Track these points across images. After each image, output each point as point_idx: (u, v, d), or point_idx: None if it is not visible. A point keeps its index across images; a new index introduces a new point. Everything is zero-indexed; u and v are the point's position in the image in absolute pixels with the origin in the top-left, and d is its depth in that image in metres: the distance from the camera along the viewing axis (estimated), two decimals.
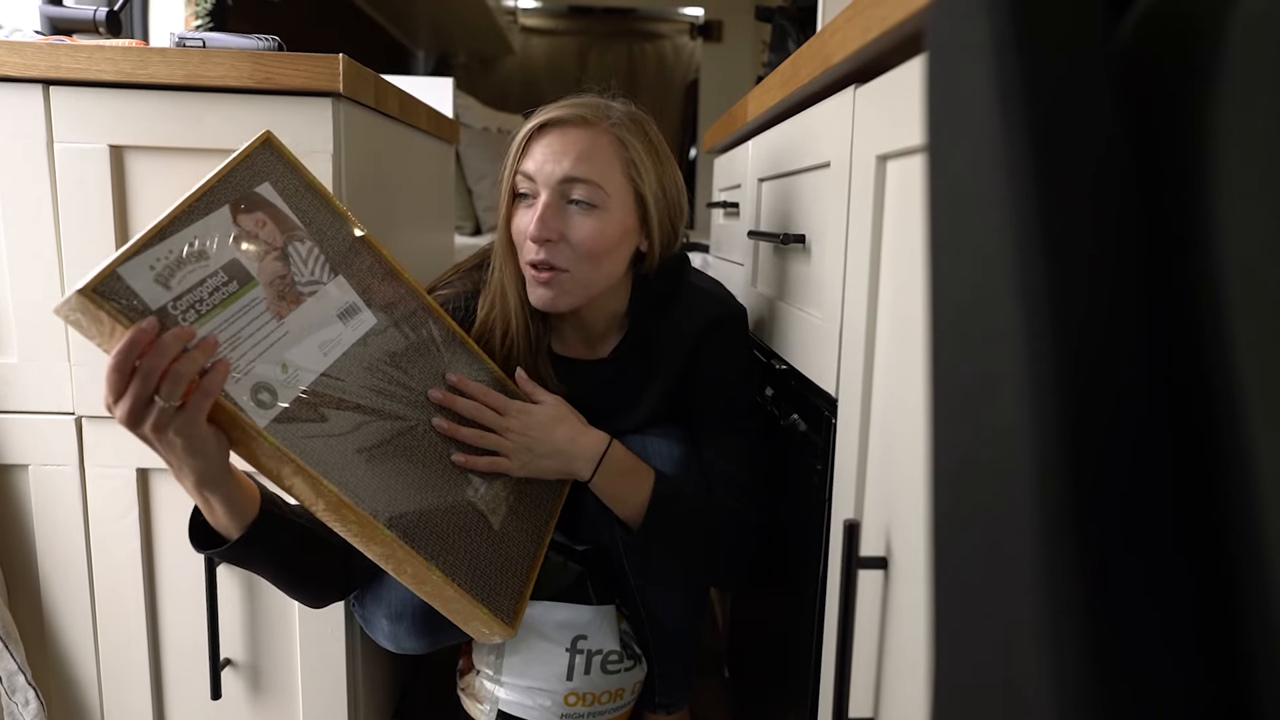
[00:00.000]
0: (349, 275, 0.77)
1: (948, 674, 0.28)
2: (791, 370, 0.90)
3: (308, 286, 0.73)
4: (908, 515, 0.56)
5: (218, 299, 0.67)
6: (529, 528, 0.87)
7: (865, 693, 0.63)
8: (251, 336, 0.68)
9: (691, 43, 4.15)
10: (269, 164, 0.74)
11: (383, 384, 0.78)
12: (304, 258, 0.74)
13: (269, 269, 0.71)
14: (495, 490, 0.85)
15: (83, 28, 1.06)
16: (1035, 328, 0.23)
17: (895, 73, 0.58)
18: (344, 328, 0.75)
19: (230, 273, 0.68)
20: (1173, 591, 0.22)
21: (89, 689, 0.96)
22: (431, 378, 0.83)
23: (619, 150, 0.89)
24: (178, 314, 0.64)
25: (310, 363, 0.72)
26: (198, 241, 0.67)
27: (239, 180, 0.71)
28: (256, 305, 0.69)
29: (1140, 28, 0.26)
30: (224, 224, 0.69)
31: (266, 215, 0.72)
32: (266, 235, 0.71)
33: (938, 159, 0.29)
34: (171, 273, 0.64)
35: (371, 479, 0.73)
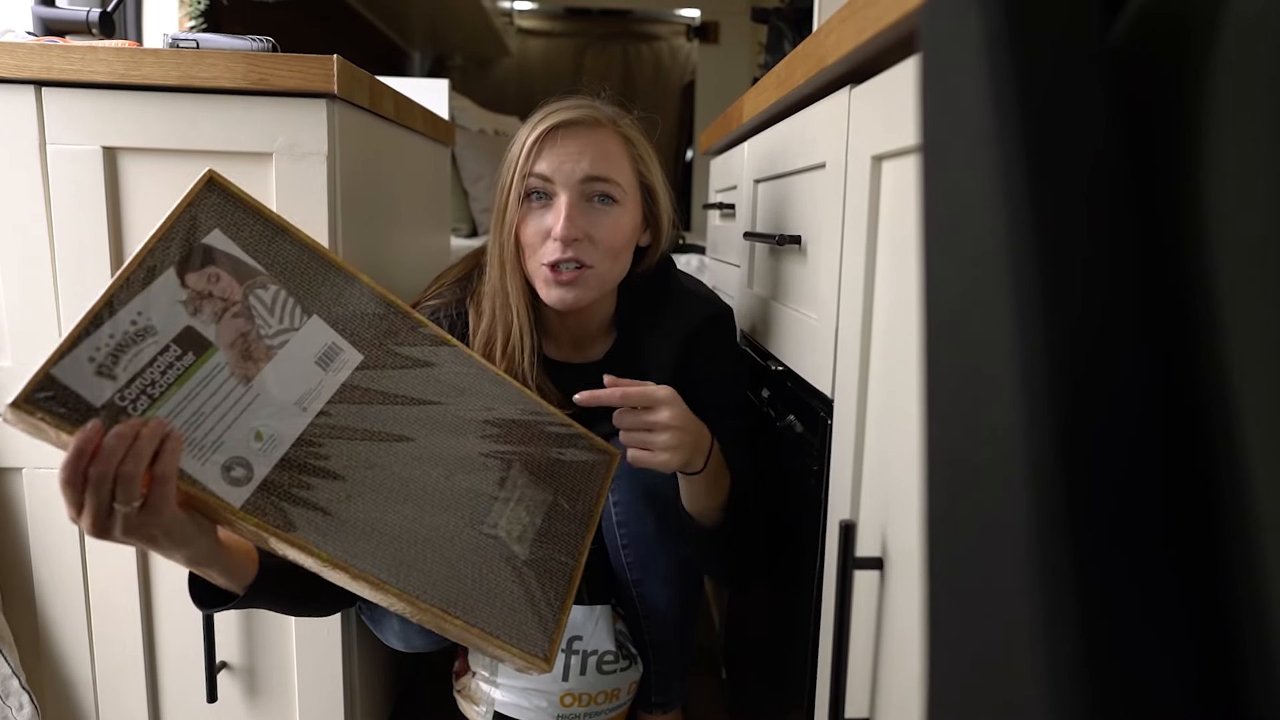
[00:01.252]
0: (326, 313, 0.70)
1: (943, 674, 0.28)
2: (787, 371, 0.90)
3: (277, 338, 0.67)
4: (903, 516, 0.56)
5: (172, 376, 0.60)
6: (558, 551, 0.78)
7: (861, 692, 0.63)
8: (216, 410, 0.62)
9: (688, 44, 4.15)
10: (215, 208, 0.66)
11: (376, 424, 0.70)
12: (269, 305, 0.67)
13: (229, 329, 0.64)
14: (516, 513, 0.76)
15: (75, 29, 1.05)
16: (1029, 328, 0.23)
17: (890, 73, 0.58)
18: (324, 374, 0.68)
19: (184, 344, 0.62)
20: (1167, 591, 0.22)
21: (84, 693, 0.96)
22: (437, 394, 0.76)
23: (627, 148, 0.91)
24: (126, 404, 0.58)
25: (287, 425, 0.65)
26: (141, 317, 0.60)
27: (181, 236, 0.64)
28: (218, 373, 0.63)
29: (1134, 28, 0.26)
30: (170, 290, 0.62)
31: (219, 268, 0.65)
32: (222, 290, 0.65)
33: (932, 159, 0.29)
34: (115, 360, 0.58)
35: (369, 539, 0.66)
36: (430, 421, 0.74)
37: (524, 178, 0.89)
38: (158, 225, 0.63)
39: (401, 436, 0.71)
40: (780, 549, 0.92)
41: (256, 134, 0.86)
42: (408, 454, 0.71)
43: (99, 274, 0.87)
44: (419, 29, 3.40)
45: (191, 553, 0.64)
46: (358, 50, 2.94)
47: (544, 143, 0.89)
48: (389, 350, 0.73)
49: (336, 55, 0.84)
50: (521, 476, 0.79)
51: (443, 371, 0.77)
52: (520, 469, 0.79)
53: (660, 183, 0.95)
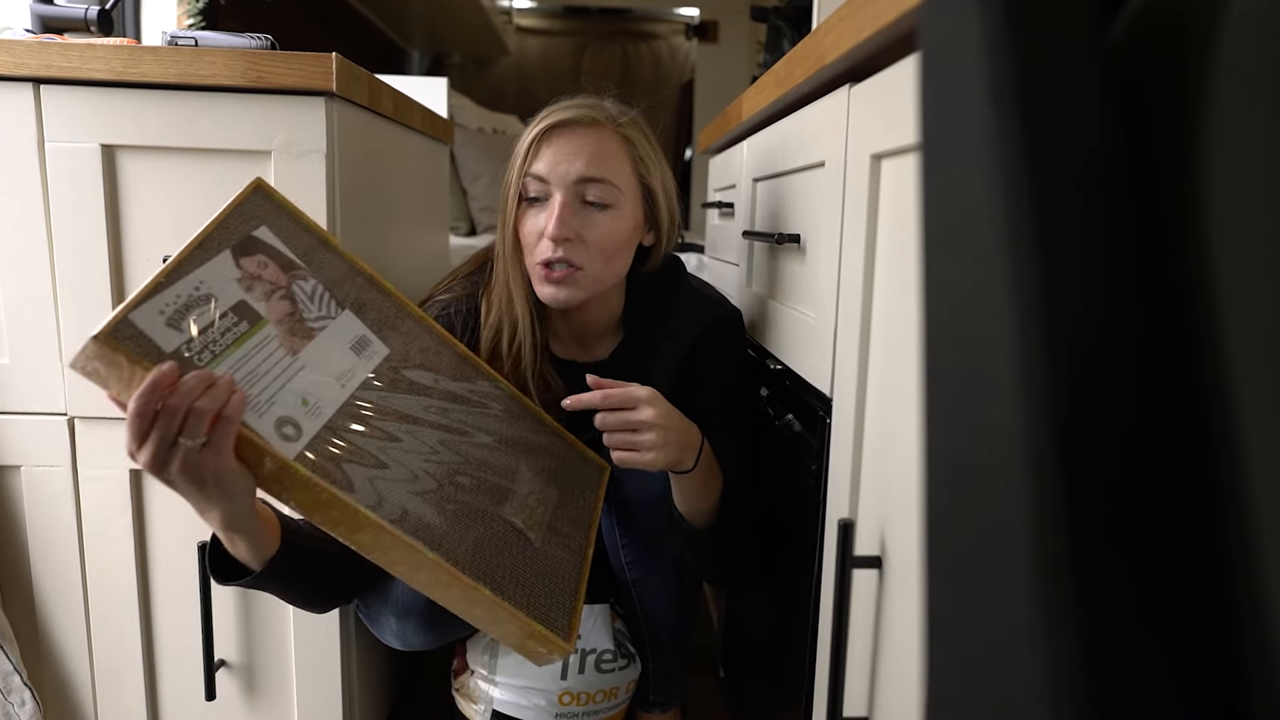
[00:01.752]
0: (355, 309, 0.78)
1: (942, 672, 0.28)
2: (786, 370, 0.90)
3: (317, 322, 0.74)
4: (902, 514, 0.56)
5: (230, 339, 0.67)
6: (569, 541, 0.85)
7: (860, 692, 0.63)
8: (269, 373, 0.68)
9: (687, 43, 4.15)
10: (262, 208, 0.74)
11: (403, 407, 0.77)
12: (309, 295, 0.74)
13: (277, 307, 0.71)
14: (531, 507, 0.83)
15: (74, 26, 1.05)
16: (1028, 327, 0.23)
17: (889, 71, 0.58)
18: (358, 359, 0.75)
19: (239, 313, 0.68)
20: (1166, 591, 0.22)
21: (83, 690, 0.96)
22: (453, 396, 0.83)
23: (627, 148, 0.91)
24: (192, 355, 0.64)
25: (330, 394, 0.71)
26: (203, 286, 0.66)
27: (235, 226, 0.71)
28: (269, 343, 0.69)
29: (1134, 26, 0.26)
30: (227, 268, 0.69)
31: (267, 257, 0.72)
32: (270, 276, 0.72)
33: (931, 157, 0.29)
34: (182, 316, 0.64)
35: (408, 503, 0.72)
36: (448, 413, 0.81)
37: (521, 177, 0.90)
38: (216, 214, 0.70)
39: (425, 421, 0.78)
40: (777, 549, 0.92)
41: (255, 132, 0.86)
42: (433, 437, 0.78)
43: (97, 271, 0.87)
44: (418, 27, 3.40)
45: (231, 508, 0.67)
46: (356, 48, 2.93)
47: (541, 142, 0.90)
48: (409, 350, 0.81)
49: (335, 53, 0.84)
50: (529, 473, 0.85)
51: (451, 375, 0.84)
52: (527, 467, 0.85)
53: (661, 183, 0.95)
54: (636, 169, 0.92)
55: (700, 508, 0.91)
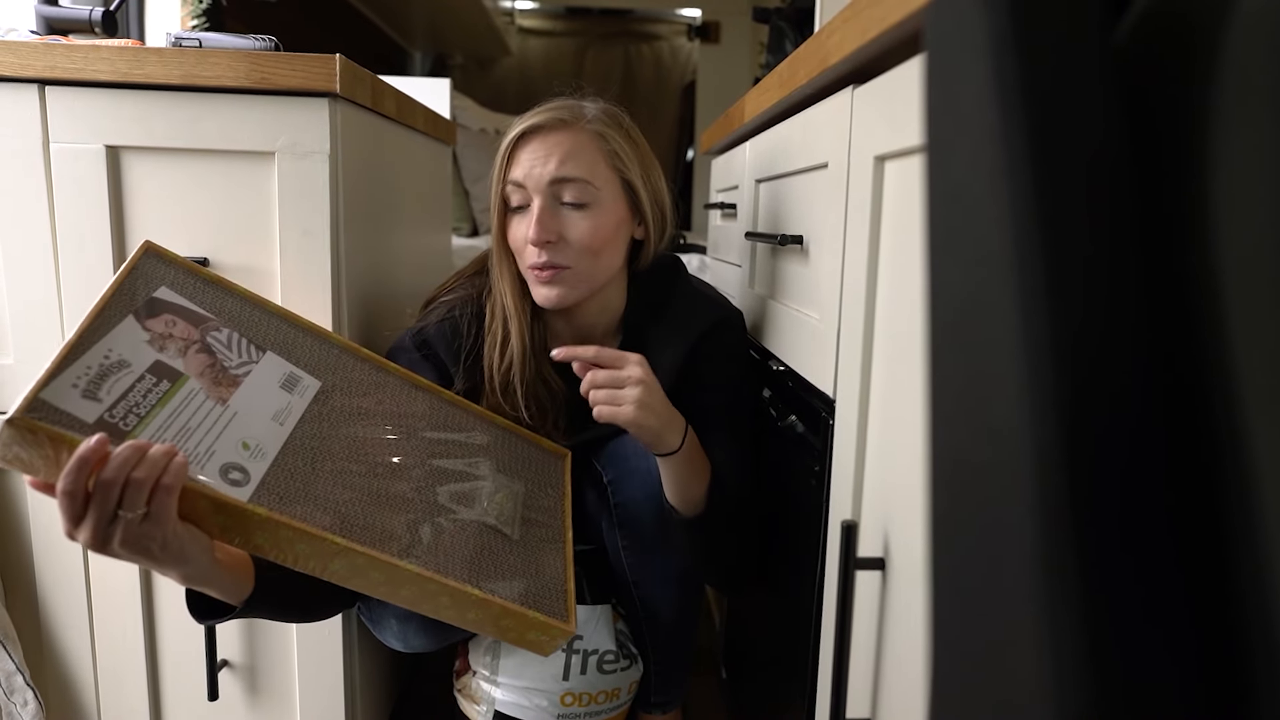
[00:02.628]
0: (279, 349, 0.76)
1: (946, 672, 0.28)
2: (789, 371, 0.90)
3: (241, 368, 0.72)
4: (905, 516, 0.56)
5: (154, 399, 0.65)
6: (546, 530, 0.85)
7: (863, 693, 0.63)
8: (201, 425, 0.66)
9: (689, 44, 4.15)
10: (157, 270, 0.72)
11: (352, 435, 0.76)
12: (227, 344, 0.72)
13: (195, 361, 0.69)
14: (500, 502, 0.82)
15: (78, 28, 1.06)
16: (1033, 327, 0.23)
17: (893, 73, 0.58)
18: (292, 396, 0.74)
19: (157, 373, 0.66)
20: (1171, 591, 0.22)
21: (86, 690, 0.96)
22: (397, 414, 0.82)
23: (600, 144, 0.92)
24: (117, 421, 0.62)
25: (270, 435, 0.70)
26: (113, 353, 0.64)
27: (132, 291, 0.69)
28: (195, 396, 0.67)
29: (1139, 27, 0.26)
30: (133, 332, 0.67)
31: (174, 315, 0.70)
32: (180, 332, 0.70)
33: (936, 159, 0.29)
34: (97, 385, 0.62)
35: (373, 520, 0.71)
36: (396, 431, 0.80)
37: (502, 187, 0.92)
38: (106, 288, 0.68)
39: (375, 442, 0.77)
40: (779, 550, 0.92)
41: (259, 133, 0.86)
42: (385, 456, 0.77)
43: (102, 272, 0.88)
44: (420, 28, 3.40)
45: (189, 570, 0.65)
46: (359, 49, 2.94)
47: (516, 150, 0.91)
48: (341, 379, 0.80)
49: (339, 54, 0.84)
50: (490, 472, 0.85)
51: (389, 393, 0.83)
52: (487, 468, 0.85)
53: (642, 175, 0.95)
54: (612, 163, 0.92)
55: (690, 496, 0.91)
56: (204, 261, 0.89)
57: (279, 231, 0.89)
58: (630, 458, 0.95)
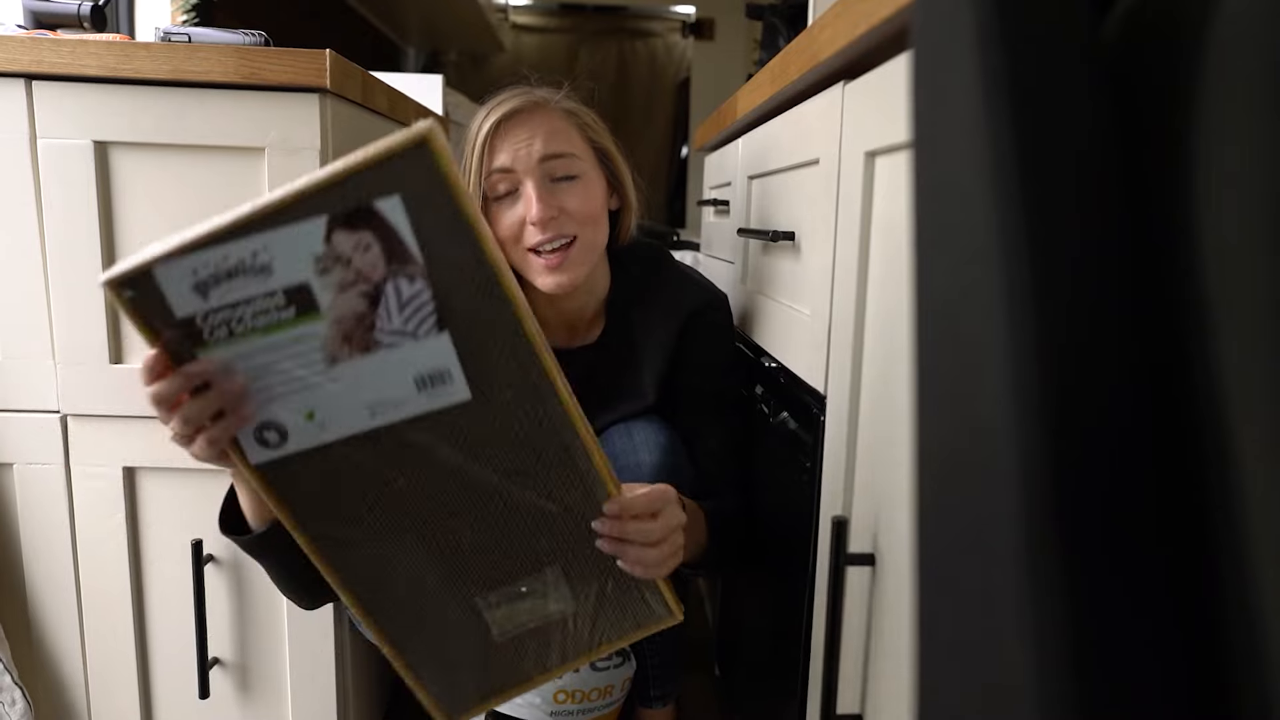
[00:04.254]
0: (462, 334, 0.59)
1: (932, 671, 0.28)
2: (780, 367, 0.90)
3: (390, 336, 0.58)
4: (895, 512, 0.56)
5: (260, 323, 0.55)
6: (547, 654, 0.73)
7: (853, 689, 0.63)
8: (284, 373, 0.57)
9: (683, 41, 4.15)
10: (414, 172, 0.54)
11: (433, 464, 0.63)
12: (403, 301, 0.57)
13: (344, 304, 0.56)
14: (517, 609, 0.70)
15: (67, 22, 1.05)
16: (1019, 323, 0.23)
17: (883, 69, 0.58)
18: (416, 394, 0.60)
19: (292, 297, 0.55)
20: (1155, 589, 0.22)
21: (76, 689, 0.96)
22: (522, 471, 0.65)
23: (573, 119, 0.94)
24: (204, 329, 0.55)
25: (346, 419, 0.59)
26: (264, 253, 0.54)
27: (363, 185, 0.53)
28: (309, 341, 0.57)
29: (1125, 23, 0.26)
30: (310, 238, 0.54)
31: (375, 237, 0.55)
32: (363, 262, 0.55)
33: (923, 154, 0.29)
34: (217, 281, 0.54)
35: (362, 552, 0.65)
36: (499, 484, 0.65)
37: (485, 177, 0.91)
38: (342, 162, 0.52)
39: (453, 483, 0.64)
40: (763, 537, 0.93)
41: (248, 128, 0.86)
42: (447, 502, 0.65)
43: (90, 268, 0.87)
44: (413, 24, 3.39)
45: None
46: (351, 45, 2.93)
47: (494, 139, 0.91)
48: (502, 401, 0.62)
49: (329, 50, 0.84)
50: (555, 577, 0.70)
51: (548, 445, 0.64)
52: (560, 571, 0.70)
53: (613, 144, 0.97)
54: (586, 135, 0.94)
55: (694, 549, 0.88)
56: None
57: None
58: (619, 455, 0.95)
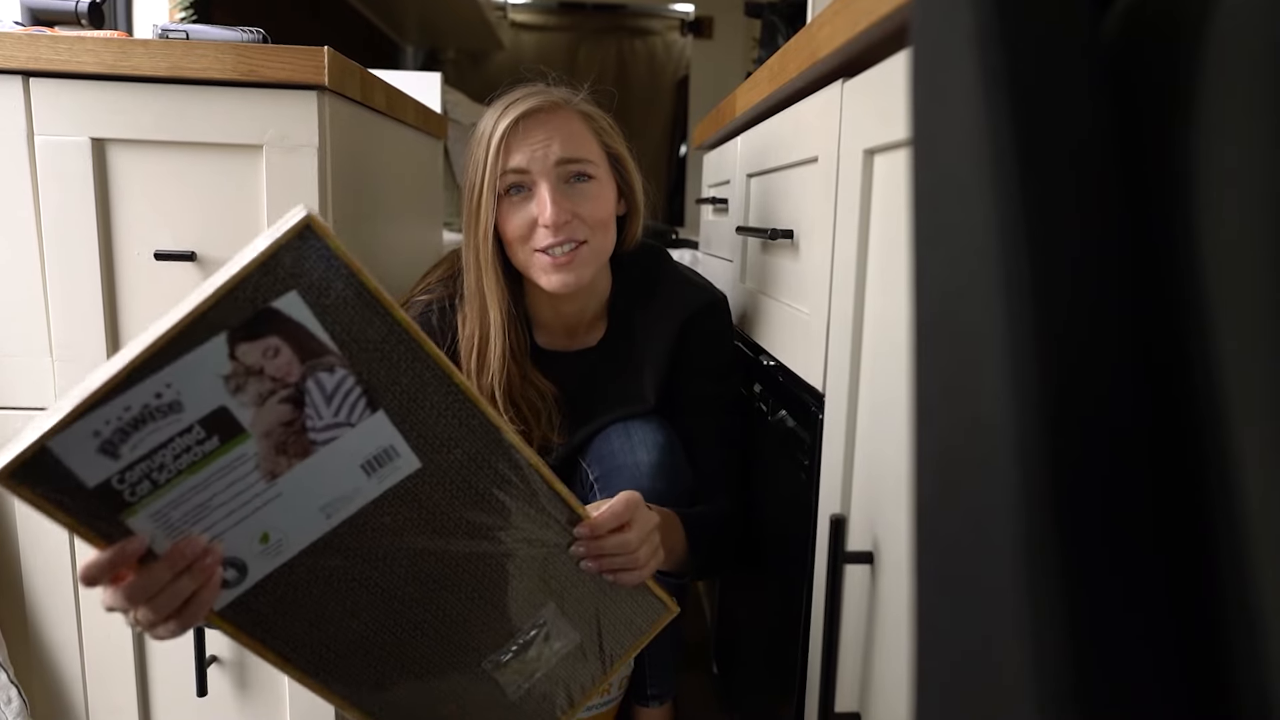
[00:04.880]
0: (396, 409, 0.57)
1: (931, 668, 0.28)
2: (779, 365, 0.90)
3: (325, 433, 0.55)
4: (894, 510, 0.56)
5: (185, 462, 0.51)
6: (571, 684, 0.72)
7: (852, 687, 0.63)
8: (226, 505, 0.53)
9: (682, 39, 4.14)
10: (304, 261, 0.51)
11: (402, 541, 0.60)
12: (328, 393, 0.54)
13: (268, 416, 0.53)
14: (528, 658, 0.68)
15: (64, 19, 1.05)
16: (1017, 320, 0.23)
17: (882, 66, 0.58)
18: (366, 480, 0.57)
19: (211, 426, 0.51)
20: (1153, 587, 0.22)
21: (73, 687, 0.95)
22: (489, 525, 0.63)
23: (589, 123, 0.93)
24: (124, 489, 0.50)
25: (303, 529, 0.56)
26: (169, 390, 0.49)
27: (256, 290, 0.50)
28: (242, 464, 0.53)
29: (1125, 20, 0.26)
30: (213, 361, 0.50)
31: (282, 339, 0.52)
32: (277, 368, 0.52)
33: (922, 151, 0.29)
34: (125, 436, 0.49)
35: (355, 661, 0.60)
36: (470, 545, 0.63)
37: (499, 176, 0.89)
38: (227, 271, 0.50)
39: (426, 556, 0.62)
40: (769, 544, 0.93)
41: (247, 126, 0.86)
42: (426, 576, 0.62)
43: (88, 265, 0.87)
44: (412, 22, 3.39)
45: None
46: (350, 43, 2.92)
47: (510, 137, 0.90)
48: (453, 461, 0.60)
49: (327, 47, 0.84)
50: (553, 616, 0.69)
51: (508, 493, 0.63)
52: (555, 608, 0.69)
53: (625, 150, 0.97)
54: (601, 139, 0.94)
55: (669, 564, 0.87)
56: (191, 256, 0.88)
57: (267, 225, 0.88)
58: (617, 454, 0.95)
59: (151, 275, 0.89)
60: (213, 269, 0.89)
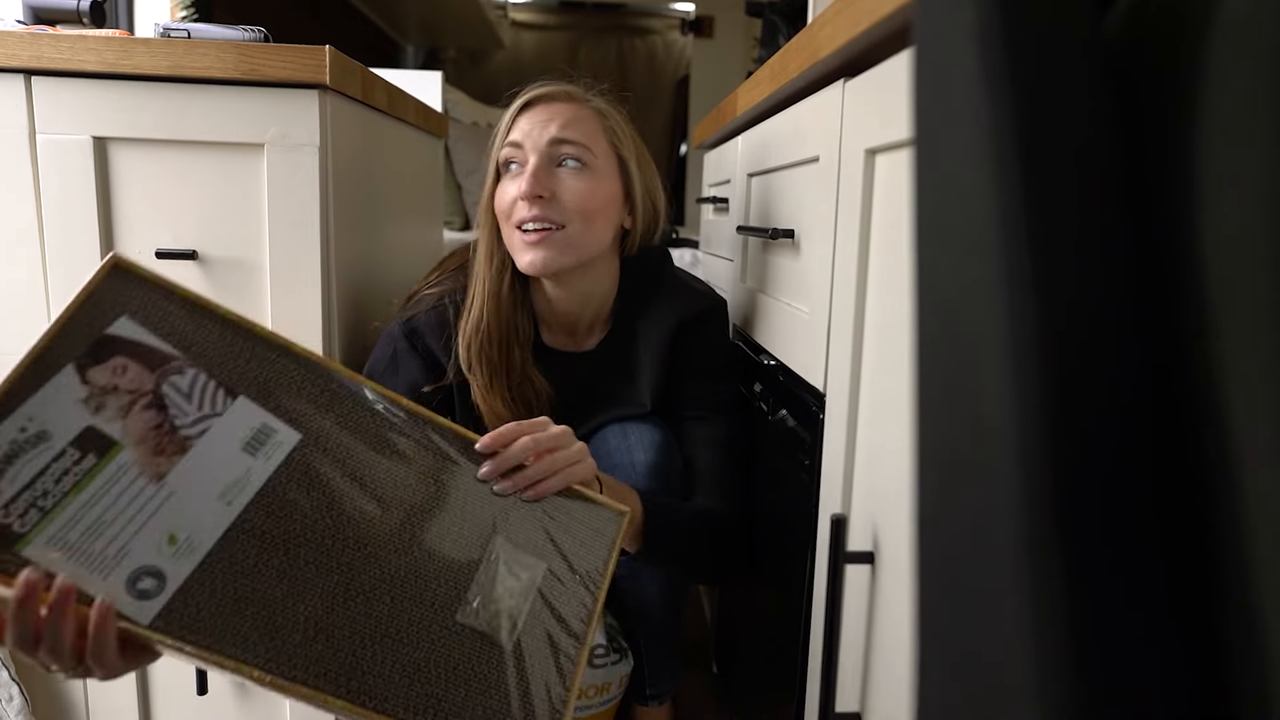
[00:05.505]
0: (255, 392, 0.61)
1: (932, 669, 0.28)
2: (780, 365, 0.90)
3: (195, 426, 0.58)
4: (895, 510, 0.56)
5: (67, 484, 0.53)
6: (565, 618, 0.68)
7: (852, 687, 0.63)
8: (121, 515, 0.54)
9: (682, 38, 4.15)
10: (121, 293, 0.58)
11: (315, 510, 0.61)
12: (187, 391, 0.59)
13: (138, 423, 0.56)
14: (497, 594, 0.66)
15: (66, 18, 1.05)
16: (1019, 319, 0.23)
17: (884, 66, 0.58)
18: (253, 460, 0.60)
19: (83, 446, 0.54)
20: (1154, 585, 0.22)
21: (74, 685, 0.96)
22: (395, 475, 0.65)
23: (600, 119, 0.93)
24: (12, 520, 0.51)
25: (209, 522, 0.56)
26: (32, 423, 0.53)
27: (85, 325, 0.56)
28: (124, 474, 0.55)
29: (1127, 19, 0.26)
30: (68, 389, 0.55)
31: (127, 357, 0.57)
32: (130, 382, 0.57)
33: (924, 150, 0.29)
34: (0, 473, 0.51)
35: (317, 646, 0.58)
36: (384, 498, 0.64)
37: (498, 151, 0.92)
38: (56, 317, 0.56)
39: (347, 520, 0.62)
40: (770, 544, 0.93)
41: (248, 124, 0.86)
42: (356, 539, 0.62)
43: (89, 264, 0.87)
44: (413, 21, 3.39)
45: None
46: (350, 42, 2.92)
47: (518, 117, 0.92)
48: (331, 424, 0.64)
49: (329, 46, 0.84)
50: (504, 548, 0.68)
51: (400, 441, 0.66)
52: (503, 541, 0.68)
53: (636, 160, 0.96)
54: (610, 139, 0.93)
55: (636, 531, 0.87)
56: (192, 254, 0.88)
57: (268, 224, 0.88)
58: (614, 452, 0.95)
59: None
60: (214, 268, 0.89)
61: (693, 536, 0.92)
